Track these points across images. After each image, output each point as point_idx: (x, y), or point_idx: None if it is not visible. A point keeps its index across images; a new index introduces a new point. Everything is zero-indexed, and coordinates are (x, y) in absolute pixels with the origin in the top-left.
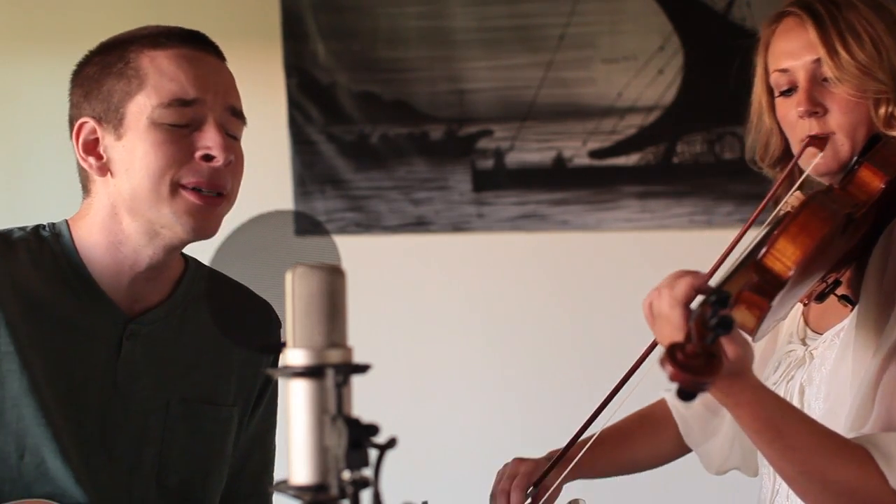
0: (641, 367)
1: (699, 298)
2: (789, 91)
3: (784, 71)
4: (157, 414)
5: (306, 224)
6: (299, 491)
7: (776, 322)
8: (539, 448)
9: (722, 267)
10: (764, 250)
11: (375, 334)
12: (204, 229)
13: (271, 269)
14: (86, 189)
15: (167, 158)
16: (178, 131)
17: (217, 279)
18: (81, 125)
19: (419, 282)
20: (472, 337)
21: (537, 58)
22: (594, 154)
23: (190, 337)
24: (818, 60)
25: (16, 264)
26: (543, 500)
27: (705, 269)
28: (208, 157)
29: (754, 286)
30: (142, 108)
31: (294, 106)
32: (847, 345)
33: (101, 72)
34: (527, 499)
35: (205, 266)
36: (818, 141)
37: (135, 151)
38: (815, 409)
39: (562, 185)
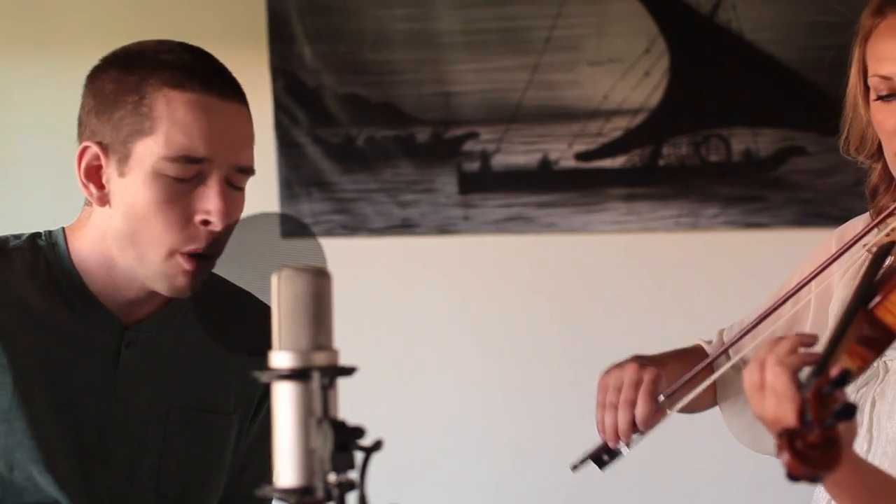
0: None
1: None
2: (889, 97)
3: (886, 78)
4: (157, 422)
5: (292, 226)
6: (285, 493)
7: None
8: (528, 451)
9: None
10: (878, 300)
11: (361, 337)
12: (185, 291)
13: (257, 272)
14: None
15: (167, 221)
16: (181, 186)
17: (216, 283)
18: (85, 149)
19: (405, 284)
20: (459, 339)
21: (523, 60)
22: (580, 156)
23: (189, 344)
24: None
25: (11, 274)
26: (664, 416)
27: (694, 271)
28: (206, 223)
29: (864, 339)
30: (149, 152)
31: (280, 108)
32: None
33: (116, 95)
34: (658, 407)
35: None
36: None
37: (135, 196)
38: (887, 428)
39: (548, 188)
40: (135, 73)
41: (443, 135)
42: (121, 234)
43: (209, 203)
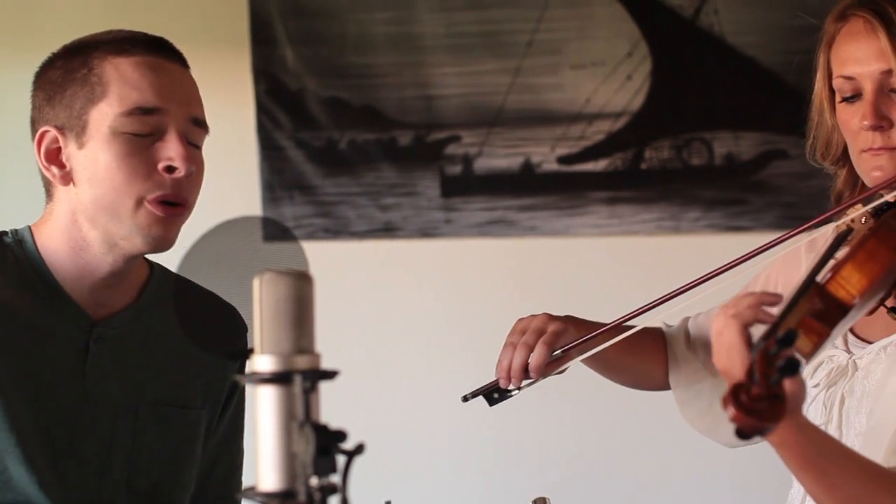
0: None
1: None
2: (853, 98)
3: (849, 78)
4: (127, 417)
5: (274, 230)
6: (267, 497)
7: (830, 345)
8: (509, 453)
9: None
10: (829, 276)
11: (343, 340)
12: (163, 241)
13: (239, 275)
14: (48, 194)
15: (130, 172)
16: (140, 141)
17: (184, 283)
18: (43, 134)
19: (387, 287)
20: (441, 342)
21: (505, 64)
22: (562, 160)
23: (157, 340)
24: (888, 71)
25: None
26: (560, 368)
27: (675, 274)
28: (171, 169)
29: (816, 312)
30: (104, 116)
31: (262, 111)
32: (894, 362)
33: (65, 77)
34: (551, 360)
35: (171, 271)
36: None
37: (97, 161)
38: (856, 423)
39: (530, 191)
40: (78, 55)
41: (425, 138)
42: (89, 204)
43: (170, 150)
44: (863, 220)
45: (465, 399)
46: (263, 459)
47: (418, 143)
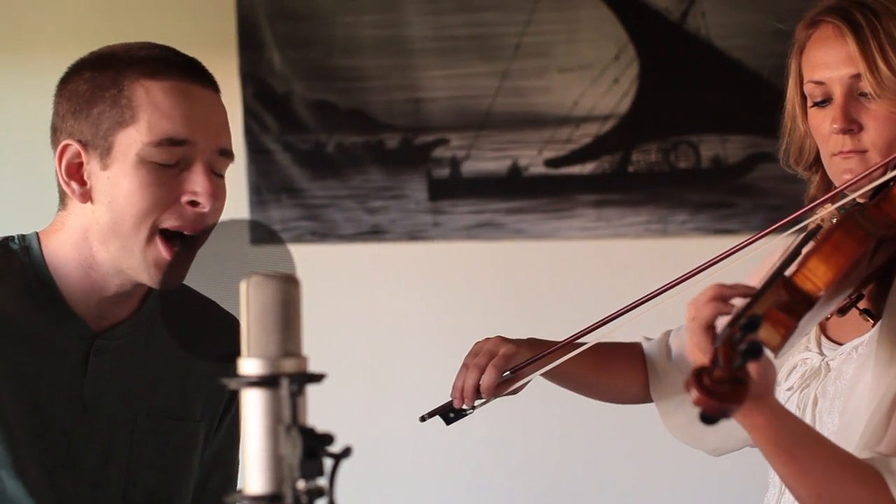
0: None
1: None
2: (823, 102)
3: (819, 83)
4: (124, 429)
5: (261, 233)
6: (254, 501)
7: (800, 338)
8: (496, 455)
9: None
10: (795, 268)
11: (331, 343)
12: (169, 283)
13: (226, 278)
14: (63, 203)
15: (152, 201)
16: (166, 171)
17: (183, 292)
18: (66, 147)
19: (375, 290)
20: (429, 346)
21: (493, 67)
22: (550, 163)
23: (157, 352)
24: (857, 75)
25: None
26: (511, 388)
27: (662, 276)
28: (194, 203)
29: (782, 305)
30: (132, 142)
31: (249, 114)
32: (867, 360)
33: (93, 92)
34: (501, 381)
35: None
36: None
37: (120, 186)
38: (829, 423)
39: (518, 194)
40: (109, 70)
41: (412, 141)
42: (105, 226)
43: (196, 184)
44: (833, 219)
45: (423, 419)
46: (250, 463)
47: (406, 146)
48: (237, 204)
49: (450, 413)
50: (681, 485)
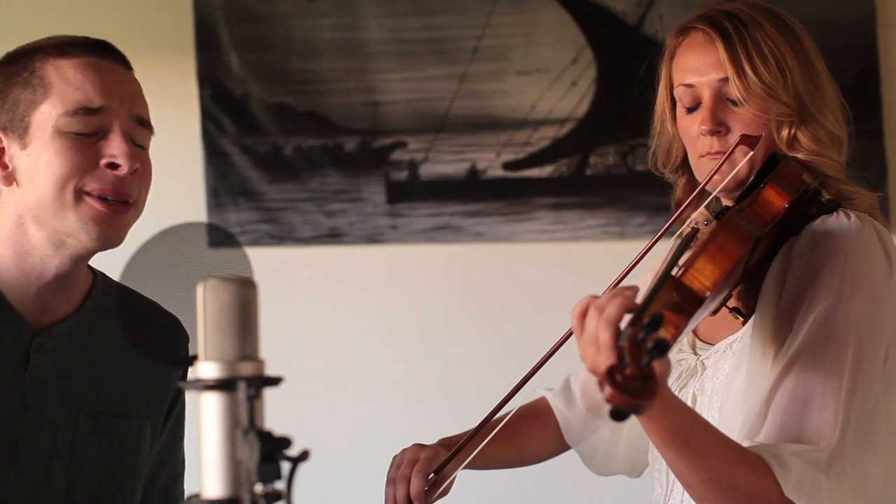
0: (550, 359)
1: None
2: (693, 107)
3: (689, 86)
4: (66, 427)
5: (219, 236)
6: None
7: (685, 336)
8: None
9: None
10: (683, 269)
11: (288, 347)
12: (109, 237)
13: (183, 282)
14: None
15: (71, 165)
16: (84, 140)
17: (127, 292)
18: None
19: (333, 293)
20: (386, 349)
21: (451, 70)
22: (508, 166)
23: (99, 350)
24: (725, 79)
25: None
26: (441, 489)
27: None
28: (113, 166)
29: (674, 304)
30: (47, 116)
31: (207, 117)
32: (741, 357)
33: (6, 82)
34: (427, 485)
35: (114, 280)
36: (750, 140)
37: (39, 160)
38: (708, 418)
39: (476, 197)
40: (20, 61)
41: (370, 144)
42: (34, 203)
43: (113, 148)
44: (705, 221)
45: None
46: (208, 466)
47: (364, 149)
48: (195, 207)
49: None
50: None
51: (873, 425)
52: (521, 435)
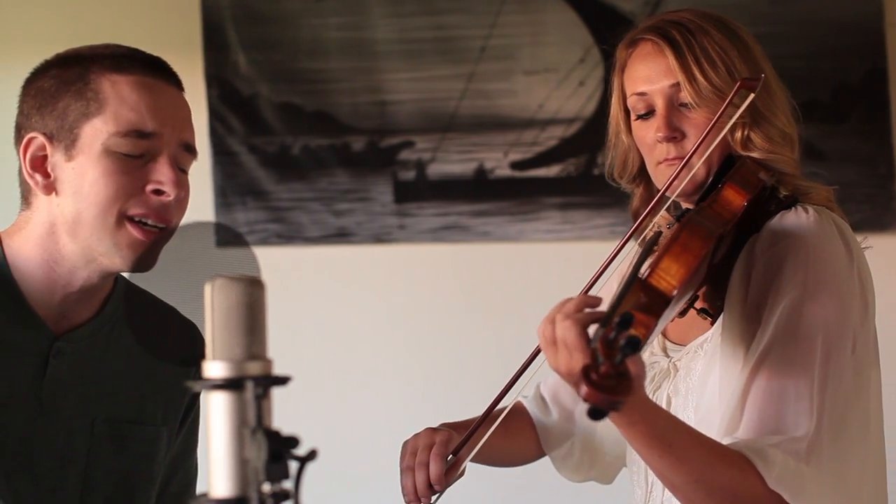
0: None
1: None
2: (647, 115)
3: (642, 95)
4: (83, 433)
5: (227, 235)
6: None
7: (654, 338)
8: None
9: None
10: (649, 270)
11: (296, 346)
12: (143, 263)
13: (191, 281)
14: (26, 202)
15: (117, 189)
16: (132, 162)
17: (138, 294)
18: (30, 140)
19: (340, 293)
20: (394, 348)
21: (459, 69)
22: (515, 165)
23: (117, 355)
24: (676, 85)
25: None
26: (458, 471)
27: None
28: (158, 192)
29: (642, 305)
30: (97, 132)
31: (215, 117)
32: (713, 356)
33: (59, 87)
34: (448, 468)
35: (133, 284)
36: (751, 83)
37: (85, 176)
38: (685, 419)
39: (483, 197)
40: (74, 67)
41: (378, 144)
42: (71, 216)
43: (160, 174)
44: (667, 225)
45: None
46: (215, 466)
47: (371, 148)
48: (202, 206)
49: None
50: None
51: (847, 412)
52: (513, 430)
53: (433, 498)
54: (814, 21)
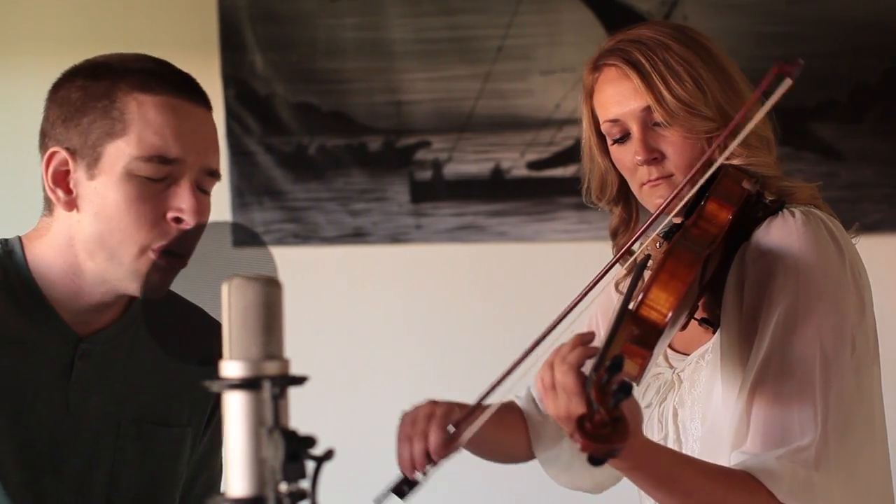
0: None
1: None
2: (623, 139)
3: (615, 121)
4: (108, 434)
5: (243, 235)
6: (236, 503)
7: (654, 365)
8: (478, 459)
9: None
10: (638, 302)
11: (313, 346)
12: (156, 290)
13: (208, 281)
14: (48, 208)
15: (138, 217)
16: (153, 185)
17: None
18: (53, 154)
19: (357, 293)
20: (411, 349)
21: (475, 69)
22: (532, 165)
23: (142, 357)
24: (647, 108)
25: None
26: (456, 444)
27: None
28: (178, 220)
29: (635, 338)
30: (120, 154)
31: (232, 117)
32: (715, 368)
33: (85, 101)
34: (447, 439)
35: None
36: (789, 67)
37: (106, 197)
38: (692, 430)
39: (500, 197)
40: (102, 81)
41: (394, 143)
42: (90, 237)
43: (181, 201)
44: (657, 244)
45: (378, 502)
46: (233, 465)
47: (388, 148)
48: (219, 206)
49: (403, 486)
50: None
51: (851, 412)
52: (506, 422)
53: (428, 469)
54: (831, 21)
